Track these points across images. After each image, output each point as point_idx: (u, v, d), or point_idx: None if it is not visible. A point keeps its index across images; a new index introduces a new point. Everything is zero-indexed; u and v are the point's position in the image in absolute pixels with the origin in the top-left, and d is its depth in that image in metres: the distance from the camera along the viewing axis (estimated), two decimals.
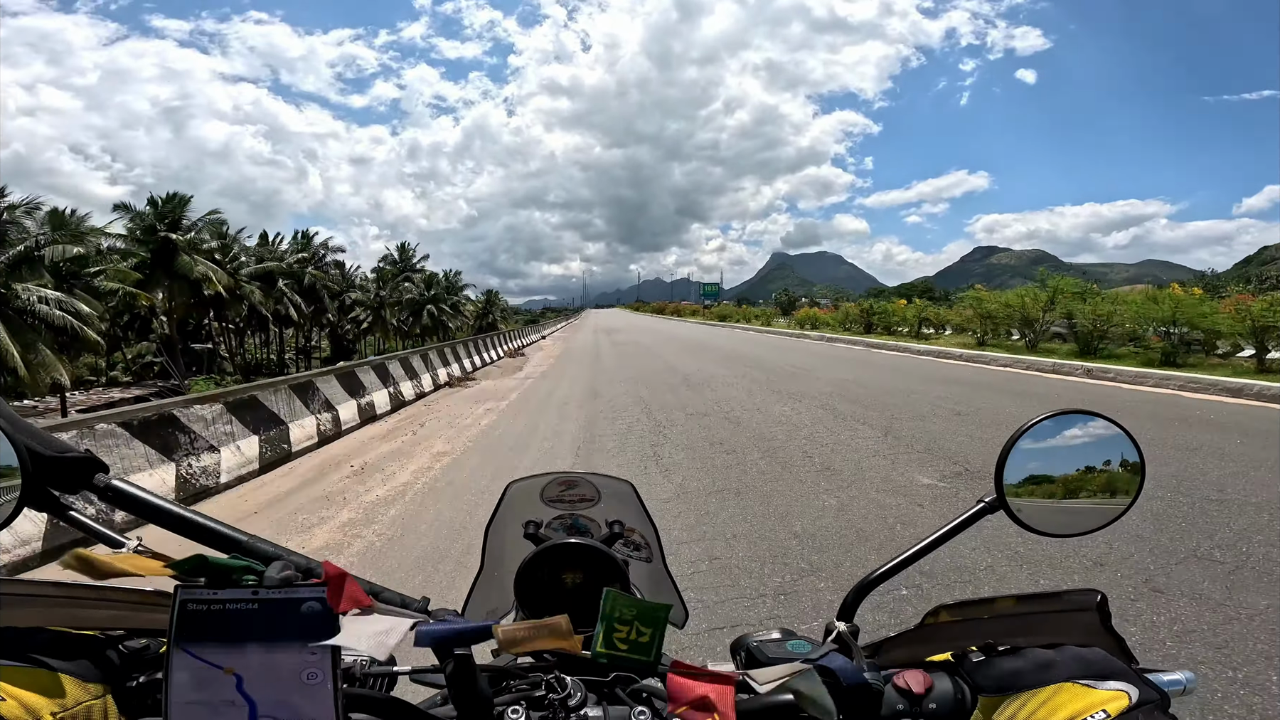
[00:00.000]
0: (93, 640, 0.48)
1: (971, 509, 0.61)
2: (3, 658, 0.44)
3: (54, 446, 0.50)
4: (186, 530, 0.51)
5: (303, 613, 0.41)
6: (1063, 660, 0.47)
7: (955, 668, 0.52)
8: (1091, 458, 0.61)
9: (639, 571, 0.78)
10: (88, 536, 0.52)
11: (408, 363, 10.52)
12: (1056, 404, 4.47)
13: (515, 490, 0.82)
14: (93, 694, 0.46)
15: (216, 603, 0.41)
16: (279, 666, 0.41)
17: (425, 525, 3.85)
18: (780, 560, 3.06)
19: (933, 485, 4.21)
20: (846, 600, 0.60)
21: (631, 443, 5.85)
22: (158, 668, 0.49)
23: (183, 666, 0.41)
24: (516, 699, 0.52)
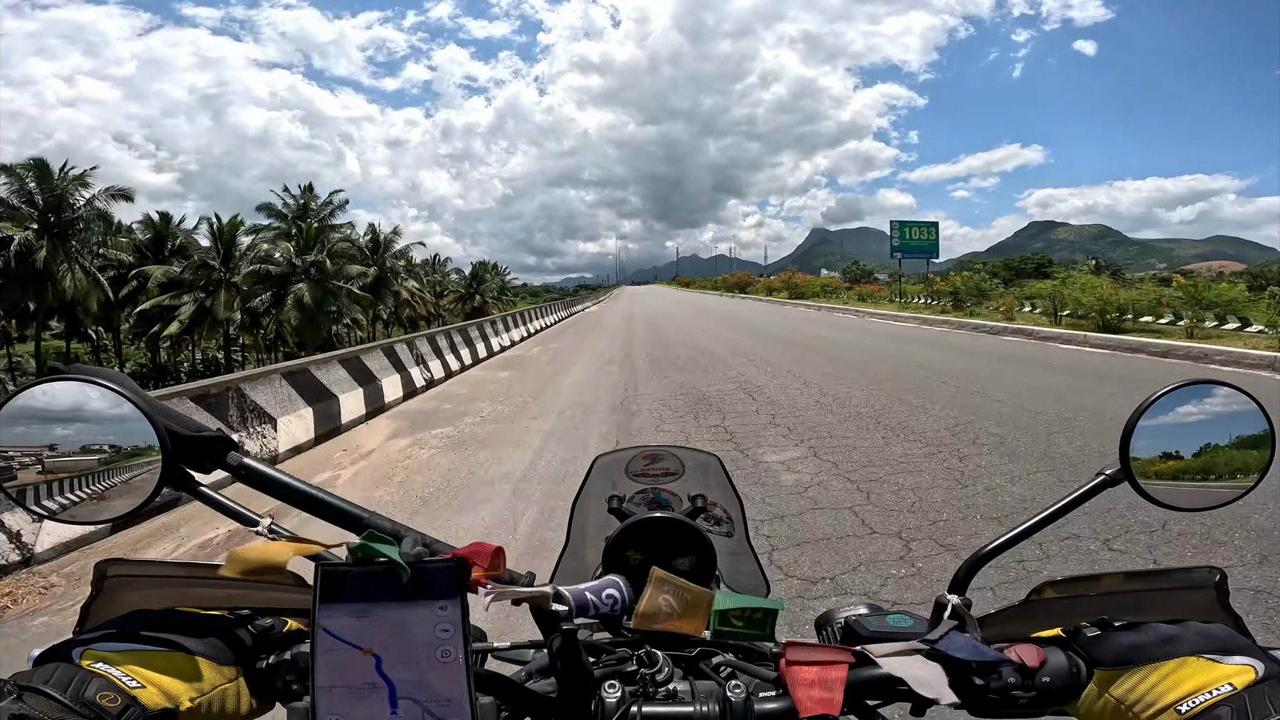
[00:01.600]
0: (223, 620, 0.50)
1: (1092, 481, 0.59)
2: (138, 642, 0.45)
3: (190, 426, 0.52)
4: (312, 508, 0.53)
5: (435, 589, 0.43)
6: (1186, 635, 0.46)
7: (1067, 642, 0.51)
8: (1219, 430, 0.59)
9: (721, 546, 0.79)
10: (222, 514, 0.55)
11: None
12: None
13: (601, 464, 0.84)
14: (227, 676, 0.47)
15: (354, 579, 0.43)
16: (414, 645, 0.43)
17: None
18: None
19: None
20: (958, 574, 0.59)
21: None
22: (286, 648, 0.51)
23: (325, 647, 0.43)
24: (609, 674, 0.53)
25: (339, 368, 7.34)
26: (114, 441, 0.52)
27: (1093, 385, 7.50)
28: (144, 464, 0.52)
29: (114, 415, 0.51)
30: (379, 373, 8.14)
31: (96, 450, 0.53)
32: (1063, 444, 4.97)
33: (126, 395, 0.50)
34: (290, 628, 0.53)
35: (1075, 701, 0.49)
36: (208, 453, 0.53)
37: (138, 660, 0.44)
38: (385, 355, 8.68)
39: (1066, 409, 6.14)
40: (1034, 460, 4.58)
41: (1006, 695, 0.49)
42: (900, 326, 17.89)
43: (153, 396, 0.52)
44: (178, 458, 0.51)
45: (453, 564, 0.44)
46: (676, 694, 0.52)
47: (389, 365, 8.57)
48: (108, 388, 0.50)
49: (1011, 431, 5.38)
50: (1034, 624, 0.54)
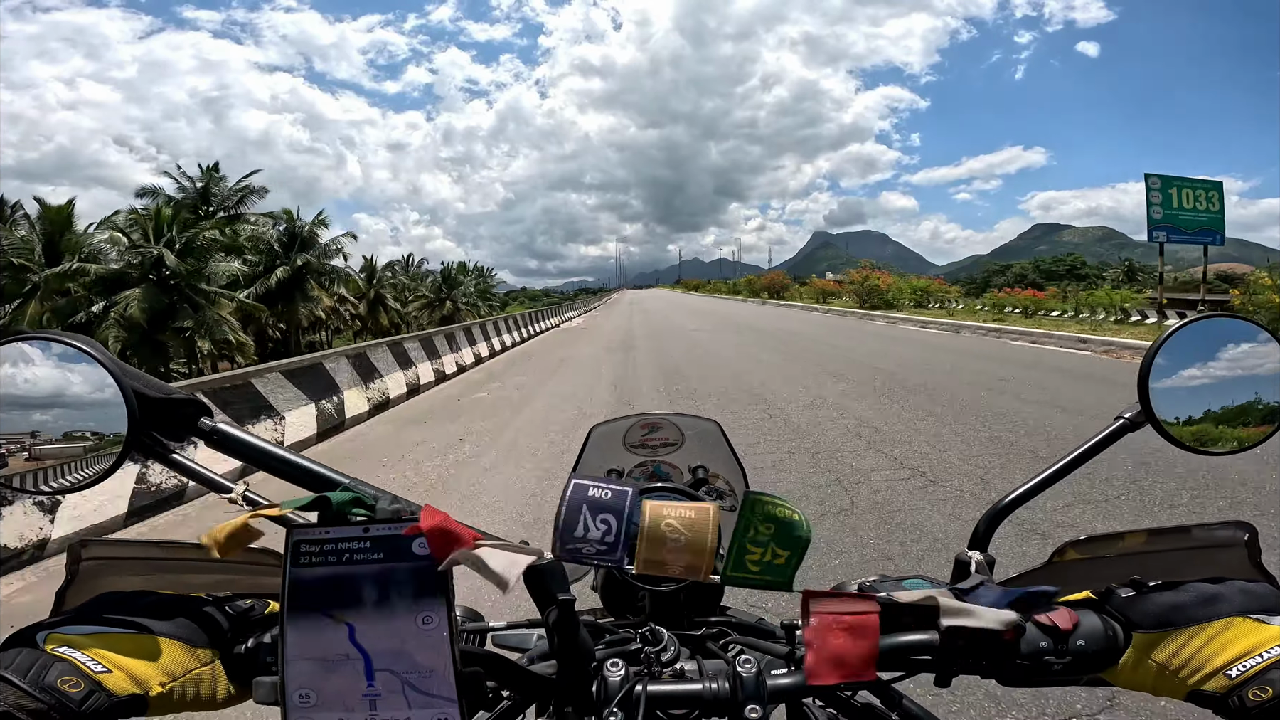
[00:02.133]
0: (199, 601, 0.47)
1: (1112, 425, 0.55)
2: (105, 625, 0.42)
3: (159, 390, 0.49)
4: (290, 474, 0.50)
5: (414, 550, 0.40)
6: (1230, 593, 0.44)
7: (1100, 605, 0.47)
8: (1240, 367, 0.55)
9: (726, 521, 0.77)
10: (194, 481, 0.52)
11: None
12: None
13: (598, 434, 0.81)
14: (201, 660, 0.44)
15: (329, 541, 0.40)
16: (392, 611, 0.39)
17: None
18: None
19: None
20: (978, 529, 0.55)
21: None
22: (265, 629, 0.48)
23: (296, 617, 0.40)
24: (612, 652, 0.50)
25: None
26: (79, 404, 0.49)
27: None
28: (112, 428, 0.48)
29: (79, 376, 0.48)
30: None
31: (59, 414, 0.49)
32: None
33: (92, 354, 0.47)
34: (271, 609, 0.50)
35: (1114, 668, 0.46)
36: (179, 418, 0.50)
37: (104, 643, 0.41)
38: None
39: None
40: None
41: (1039, 662, 0.44)
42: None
43: (118, 359, 0.49)
44: (146, 423, 0.48)
45: (433, 524, 0.40)
46: (684, 673, 0.49)
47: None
48: (72, 345, 0.47)
49: None
50: (1062, 586, 0.50)
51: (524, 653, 0.58)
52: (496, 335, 14.83)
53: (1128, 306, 16.21)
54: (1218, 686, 0.40)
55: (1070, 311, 17.60)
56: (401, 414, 7.38)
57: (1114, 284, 19.25)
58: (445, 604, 0.40)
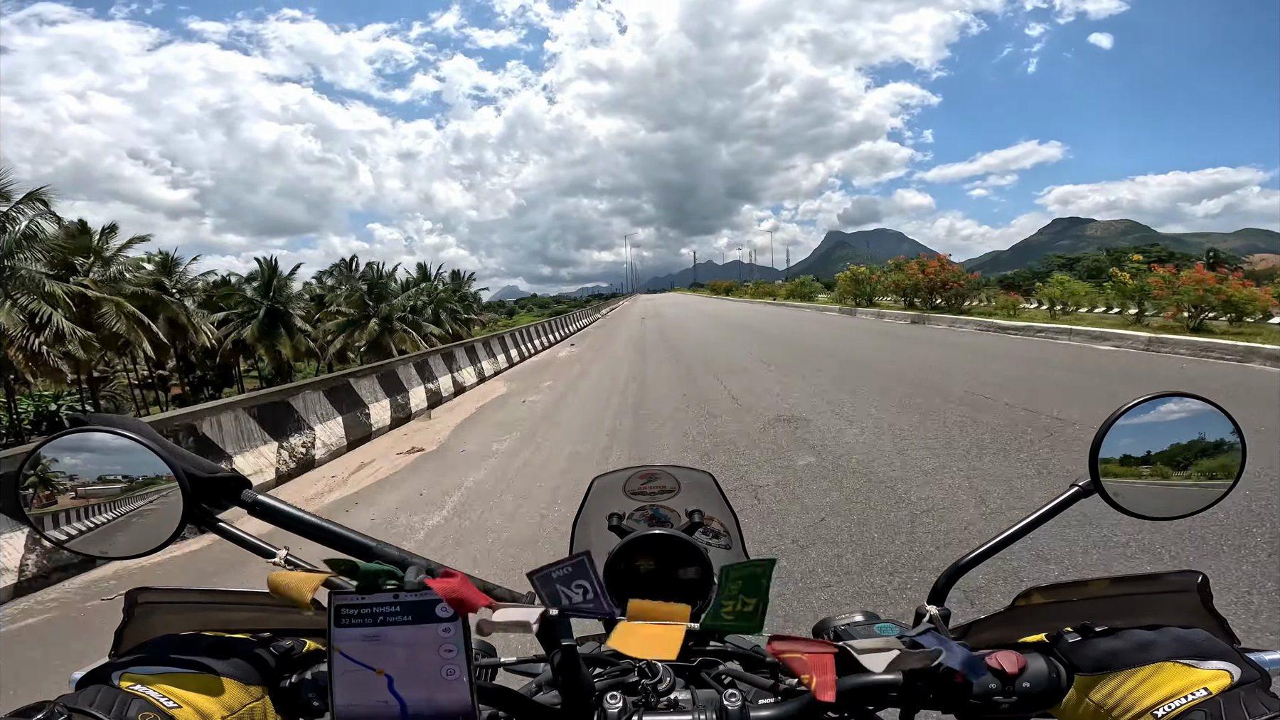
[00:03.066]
0: (247, 643, 0.54)
1: (1065, 493, 0.62)
2: (172, 665, 0.49)
3: (205, 469, 0.57)
4: (323, 538, 0.57)
5: (437, 613, 0.47)
6: (1163, 640, 0.48)
7: (1049, 648, 0.53)
8: (1189, 440, 0.61)
9: (718, 558, 0.82)
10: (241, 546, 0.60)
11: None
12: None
13: (600, 484, 0.87)
14: (254, 696, 0.51)
15: (365, 606, 0.46)
16: (421, 664, 0.46)
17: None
18: None
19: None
20: (937, 584, 0.62)
21: None
22: (306, 667, 0.55)
23: (343, 669, 0.46)
24: (611, 685, 0.56)
25: None
26: (137, 485, 0.57)
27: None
28: (168, 504, 0.56)
29: (136, 460, 0.56)
30: None
31: (122, 494, 0.57)
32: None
33: (146, 443, 0.55)
34: (309, 648, 0.57)
35: (1058, 706, 0.51)
36: (224, 491, 0.58)
37: (172, 682, 0.48)
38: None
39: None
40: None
41: (988, 701, 0.51)
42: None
43: (168, 442, 0.56)
44: (197, 497, 0.56)
45: (451, 591, 0.47)
46: (678, 703, 0.54)
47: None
48: (128, 436, 0.55)
49: None
50: (1020, 629, 0.55)
51: (532, 678, 0.64)
52: (420, 383, 9.20)
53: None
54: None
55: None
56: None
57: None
58: (465, 658, 0.46)
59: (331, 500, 5.10)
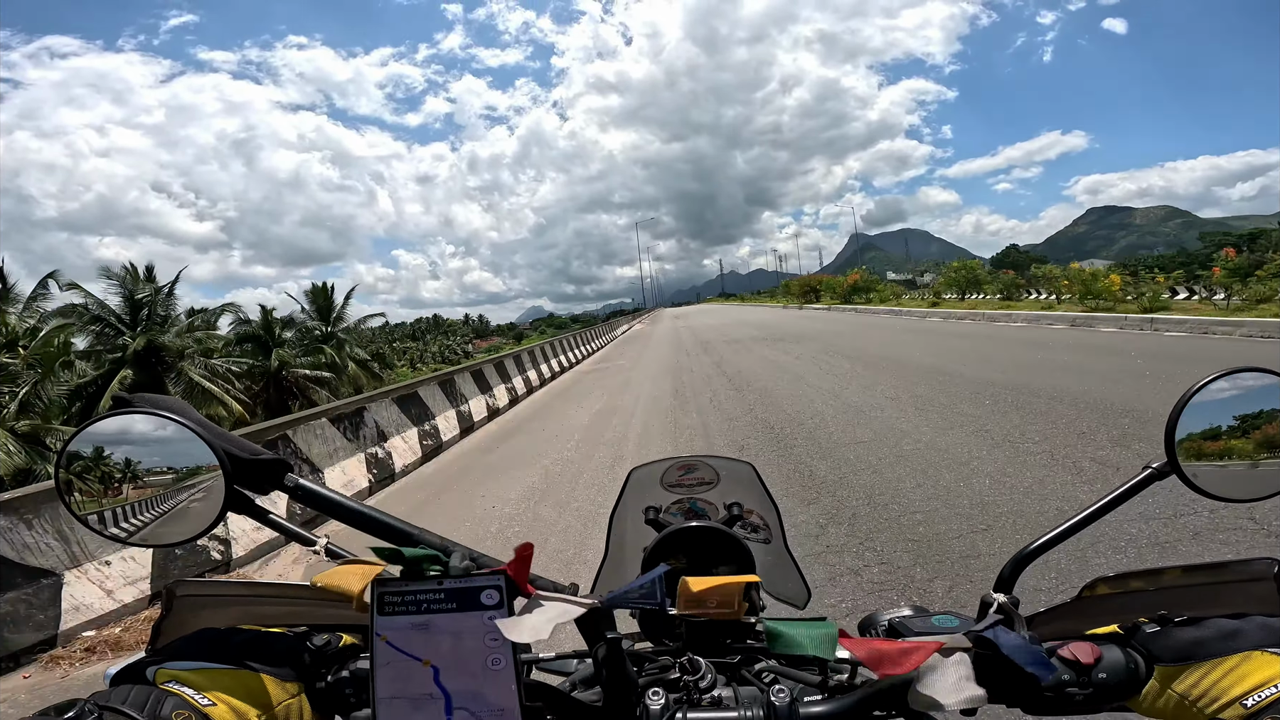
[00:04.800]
0: (284, 638, 0.53)
1: (1139, 475, 0.58)
2: (207, 660, 0.48)
3: (248, 450, 0.56)
4: (365, 525, 0.56)
5: (483, 600, 0.45)
6: (1249, 629, 0.47)
7: (1125, 639, 0.51)
8: (1265, 416, 0.58)
9: (758, 552, 0.80)
10: (280, 534, 0.58)
11: None
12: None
13: (637, 476, 0.85)
14: (290, 693, 0.50)
15: (409, 594, 0.45)
16: (467, 654, 0.44)
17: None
18: None
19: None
20: (1003, 572, 0.59)
21: None
22: (342, 663, 0.54)
23: (386, 659, 0.45)
24: (653, 681, 0.54)
25: None
26: (179, 467, 0.56)
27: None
28: (208, 487, 0.55)
29: (178, 442, 0.55)
30: None
31: (163, 476, 0.56)
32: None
33: (188, 424, 0.54)
34: (345, 643, 0.56)
35: (1136, 698, 0.49)
36: (266, 475, 0.56)
37: (208, 678, 0.47)
38: None
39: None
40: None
41: (1062, 693, 0.48)
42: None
43: (210, 423, 0.55)
44: (238, 480, 0.55)
45: (499, 577, 0.45)
46: (721, 700, 0.53)
47: None
48: (169, 417, 0.54)
49: None
50: (1088, 620, 0.54)
51: (566, 676, 0.62)
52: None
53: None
54: (1234, 716, 0.43)
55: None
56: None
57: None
58: (511, 648, 0.44)
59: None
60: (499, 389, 10.29)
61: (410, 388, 7.60)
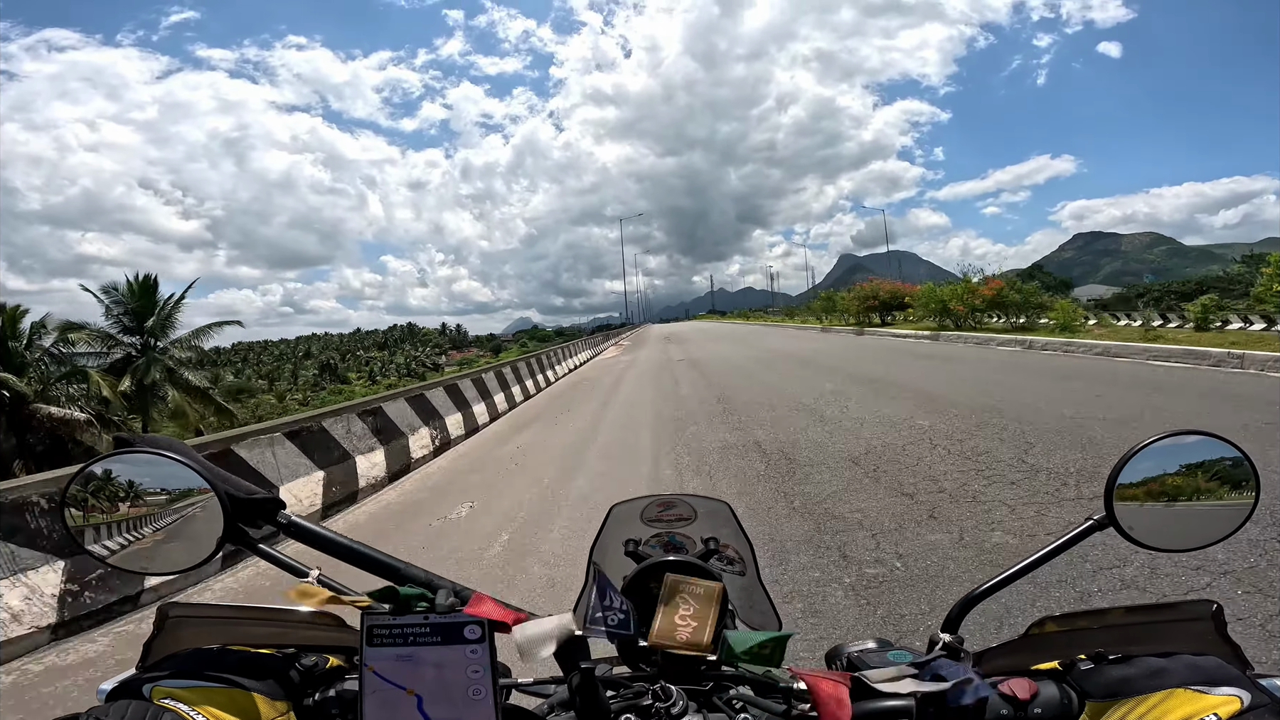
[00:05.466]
0: (273, 659, 0.56)
1: (1080, 526, 0.64)
2: (200, 679, 0.51)
3: (244, 490, 0.60)
4: (353, 559, 0.60)
5: (466, 635, 0.49)
6: (1175, 667, 0.50)
7: (1062, 675, 0.55)
8: (1203, 476, 0.64)
9: (733, 585, 0.84)
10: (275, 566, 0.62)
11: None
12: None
13: (618, 512, 0.89)
14: (279, 711, 0.53)
15: (396, 627, 0.49)
16: (449, 682, 0.48)
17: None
18: None
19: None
20: (951, 613, 0.64)
21: None
22: (330, 684, 0.57)
23: (372, 688, 0.49)
24: (626, 707, 0.57)
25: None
26: (179, 504, 0.60)
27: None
28: (208, 523, 0.60)
29: (179, 481, 0.59)
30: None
31: (163, 511, 0.60)
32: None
33: (189, 464, 0.58)
34: (332, 664, 0.60)
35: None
36: (260, 512, 0.61)
37: (202, 696, 0.50)
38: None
39: None
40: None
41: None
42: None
43: (209, 463, 0.60)
44: (236, 517, 0.59)
45: (481, 616, 0.49)
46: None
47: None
48: (170, 457, 0.58)
49: None
50: (1034, 657, 0.57)
51: (545, 699, 0.65)
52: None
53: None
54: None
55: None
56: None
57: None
58: (491, 678, 0.48)
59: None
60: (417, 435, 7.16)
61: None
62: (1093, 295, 46.85)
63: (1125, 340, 11.54)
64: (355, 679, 0.54)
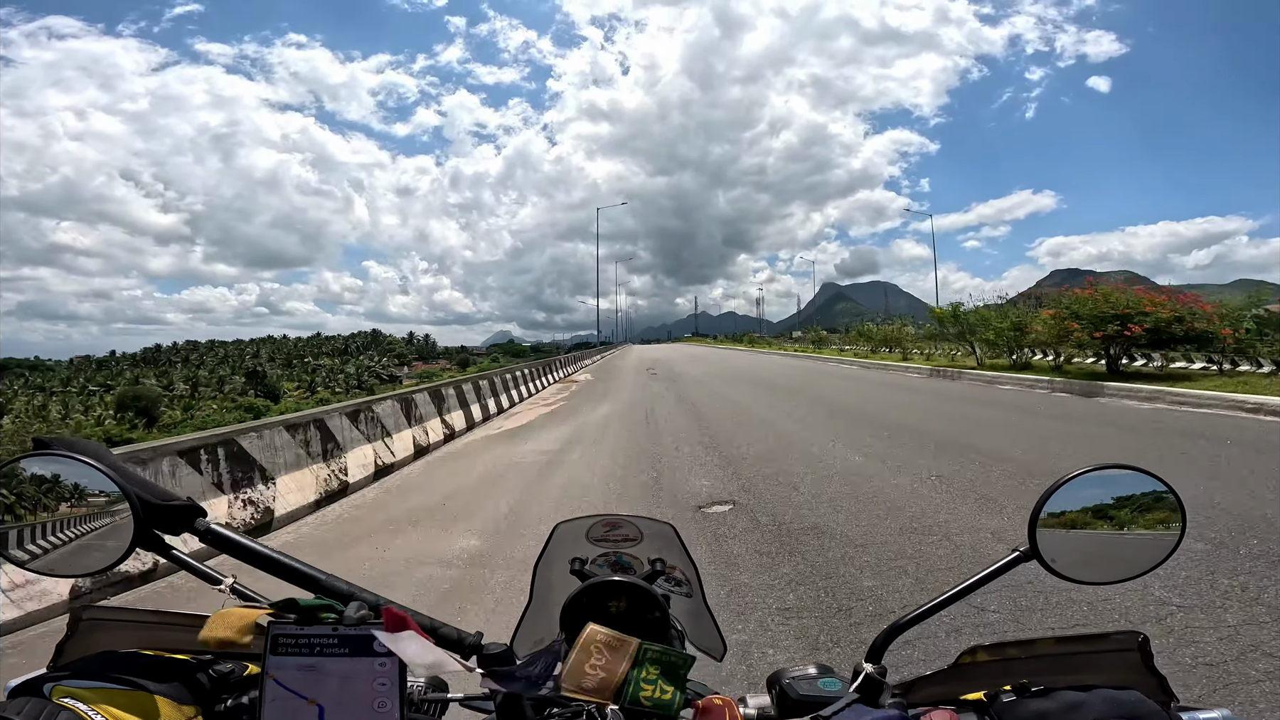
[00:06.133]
0: (185, 664, 0.55)
1: (1005, 558, 0.64)
2: (105, 680, 0.50)
3: (160, 495, 0.60)
4: (272, 569, 0.59)
5: (375, 648, 0.48)
6: (1093, 701, 0.50)
7: (985, 707, 0.55)
8: (1130, 511, 0.64)
9: (680, 606, 0.83)
10: (188, 572, 0.61)
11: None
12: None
13: (563, 530, 0.88)
14: (186, 715, 0.52)
15: (303, 637, 0.48)
16: (354, 694, 0.48)
17: None
18: None
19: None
20: (875, 642, 0.64)
21: None
22: (244, 690, 0.56)
23: (274, 697, 0.48)
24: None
25: None
26: (91, 507, 0.59)
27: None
28: (118, 526, 0.59)
29: (92, 484, 0.58)
30: None
31: (75, 514, 0.59)
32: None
33: (102, 468, 0.57)
34: (250, 672, 0.58)
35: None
36: (178, 518, 0.60)
37: (104, 698, 0.49)
38: None
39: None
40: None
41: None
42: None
43: (124, 466, 0.59)
44: (149, 522, 0.58)
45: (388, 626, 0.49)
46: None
47: None
48: (84, 461, 0.58)
49: None
50: (964, 686, 0.57)
51: (487, 715, 0.64)
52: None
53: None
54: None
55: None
56: None
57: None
58: (399, 693, 0.48)
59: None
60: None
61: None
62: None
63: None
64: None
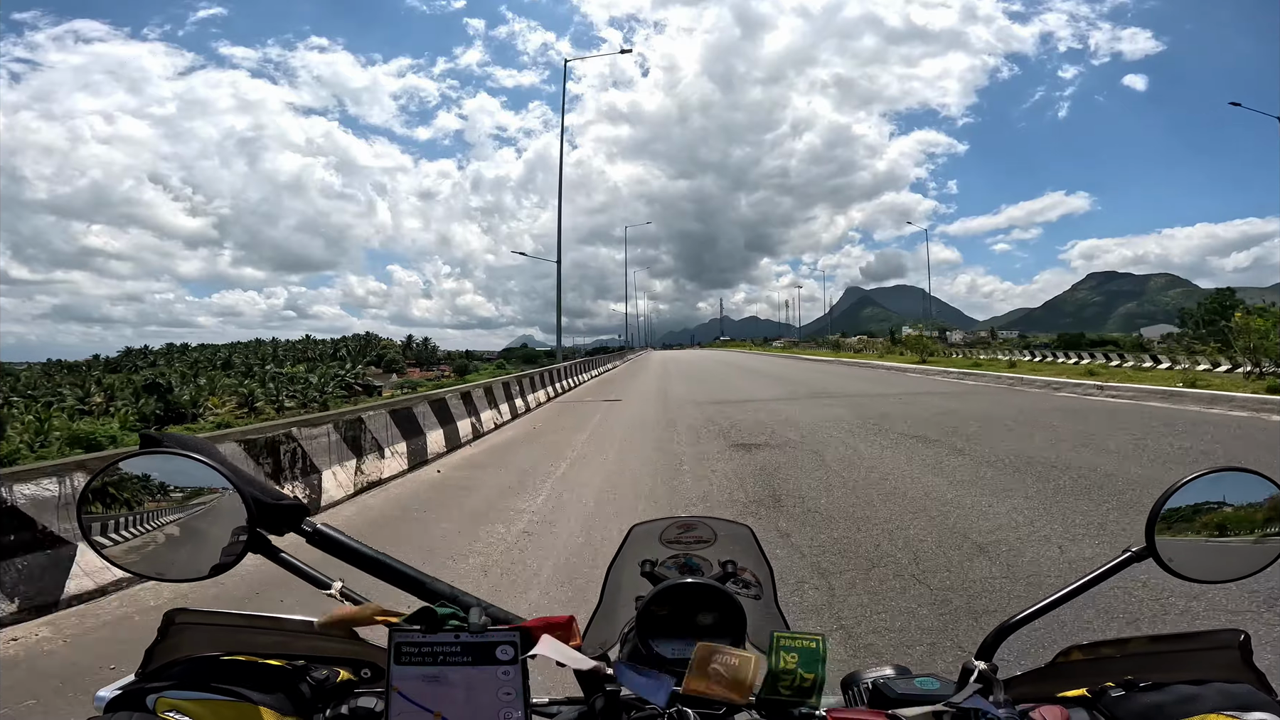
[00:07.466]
0: (282, 671, 0.55)
1: (1118, 557, 0.65)
2: (207, 690, 0.50)
3: (270, 494, 0.59)
4: (380, 573, 0.59)
5: (498, 655, 0.48)
6: (1208, 694, 0.50)
7: (1093, 703, 0.55)
8: (1242, 510, 0.66)
9: (750, 607, 0.82)
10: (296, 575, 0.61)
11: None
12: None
13: (638, 532, 0.88)
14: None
15: (426, 645, 0.48)
16: (479, 707, 0.47)
17: None
18: None
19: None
20: (986, 640, 0.64)
21: None
22: (341, 700, 0.56)
23: (398, 710, 0.47)
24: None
25: None
26: (203, 507, 0.58)
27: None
28: (230, 527, 0.58)
29: (203, 482, 0.58)
30: None
31: (185, 514, 0.59)
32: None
33: (214, 465, 0.57)
34: (342, 678, 0.58)
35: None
36: (285, 518, 0.59)
37: (208, 710, 0.48)
38: None
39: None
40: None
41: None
42: None
43: (237, 467, 0.59)
44: (259, 522, 0.58)
45: (514, 634, 0.48)
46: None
47: None
48: (195, 458, 0.57)
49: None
50: (1061, 684, 0.58)
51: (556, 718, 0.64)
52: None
53: None
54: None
55: None
56: None
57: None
58: (524, 701, 0.47)
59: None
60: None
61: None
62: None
63: None
64: (367, 693, 0.53)
